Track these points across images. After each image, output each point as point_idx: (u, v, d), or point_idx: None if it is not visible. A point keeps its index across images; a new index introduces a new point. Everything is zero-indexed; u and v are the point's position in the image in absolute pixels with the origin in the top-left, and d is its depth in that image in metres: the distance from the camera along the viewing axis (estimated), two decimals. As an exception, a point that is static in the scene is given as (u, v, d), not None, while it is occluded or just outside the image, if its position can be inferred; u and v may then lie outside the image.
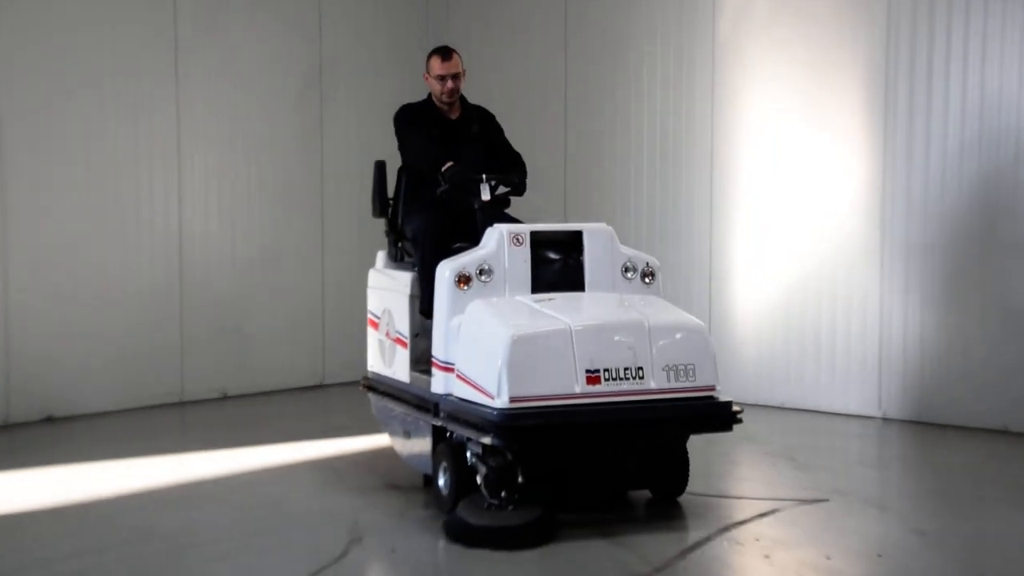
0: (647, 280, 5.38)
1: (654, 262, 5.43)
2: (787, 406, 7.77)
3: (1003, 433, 7.14)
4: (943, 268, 7.45)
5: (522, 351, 4.61)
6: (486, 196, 5.56)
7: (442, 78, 5.92)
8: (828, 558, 4.62)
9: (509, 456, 4.66)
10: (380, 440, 7.07)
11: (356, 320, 9.45)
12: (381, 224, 9.46)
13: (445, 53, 5.97)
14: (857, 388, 7.75)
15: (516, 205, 5.94)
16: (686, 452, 5.25)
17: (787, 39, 8.09)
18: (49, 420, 7.84)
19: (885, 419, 7.62)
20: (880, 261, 7.67)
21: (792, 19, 8.06)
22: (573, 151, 8.91)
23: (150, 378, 8.41)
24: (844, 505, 5.51)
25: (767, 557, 4.64)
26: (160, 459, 6.65)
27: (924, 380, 7.48)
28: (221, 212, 8.83)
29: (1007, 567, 4.61)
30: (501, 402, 4.54)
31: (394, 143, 6.10)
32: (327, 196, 9.49)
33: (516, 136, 6.31)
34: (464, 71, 6.04)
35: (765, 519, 5.18)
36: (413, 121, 6.01)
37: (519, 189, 5.81)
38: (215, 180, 8.79)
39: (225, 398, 8.78)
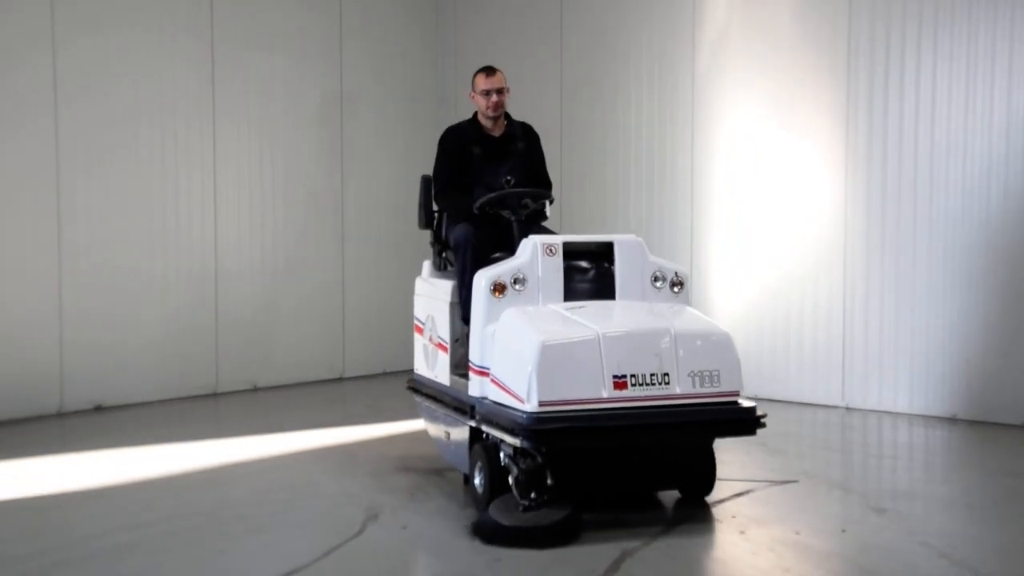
0: (676, 289, 5.08)
1: (683, 272, 5.16)
2: (760, 397, 7.79)
3: (952, 420, 7.15)
4: (899, 269, 7.46)
5: (552, 357, 4.37)
6: (548, 212, 5.51)
7: (487, 93, 5.64)
8: (797, 533, 4.64)
9: (539, 458, 4.46)
10: (392, 428, 7.15)
11: (372, 319, 9.58)
12: (396, 231, 9.65)
13: (489, 70, 5.69)
14: (824, 381, 7.76)
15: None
16: (712, 454, 4.99)
17: (757, 68, 8.12)
18: (98, 409, 7.86)
19: (848, 408, 7.63)
20: (843, 265, 7.69)
21: (761, 49, 8.08)
22: (568, 164, 8.88)
23: (188, 372, 8.42)
24: (811, 486, 5.52)
25: (742, 533, 4.66)
26: (197, 444, 6.68)
27: (883, 374, 7.50)
28: (251, 221, 8.84)
29: (951, 539, 4.62)
30: (531, 406, 4.32)
31: (410, 155, 5.99)
32: (347, 206, 9.48)
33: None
34: (508, 88, 5.73)
35: (740, 499, 5.20)
36: (449, 151, 5.75)
37: (549, 202, 5.64)
38: (246, 192, 8.78)
39: (255, 390, 8.80)
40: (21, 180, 7.48)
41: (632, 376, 4.38)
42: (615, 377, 4.37)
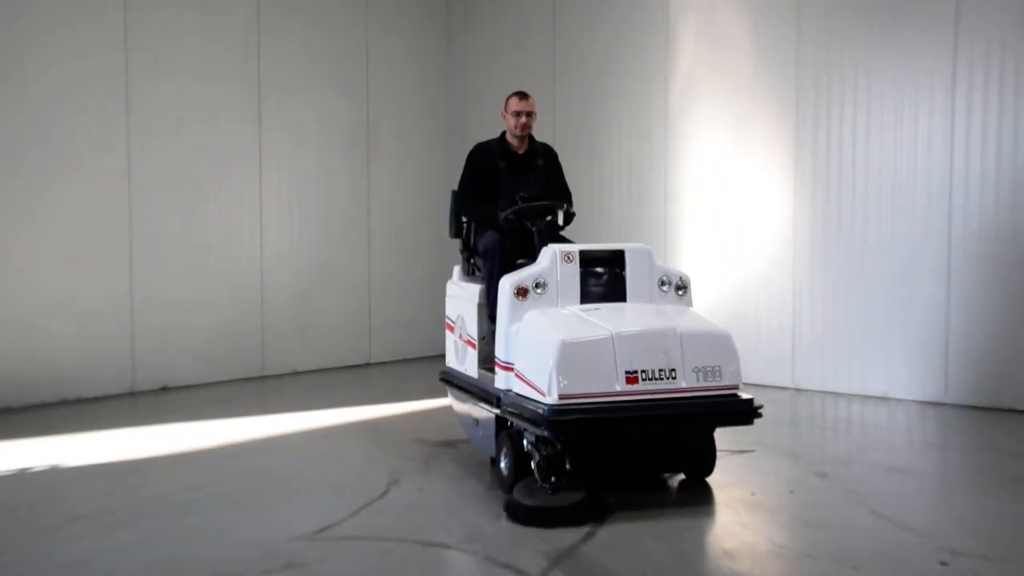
0: (680, 292, 4.85)
1: (686, 277, 4.91)
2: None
3: (884, 400, 7.20)
4: (838, 269, 7.53)
5: (570, 354, 4.16)
6: (560, 220, 5.28)
7: (518, 114, 5.40)
8: (753, 494, 4.71)
9: (558, 446, 4.24)
10: (411, 407, 7.15)
11: (394, 313, 9.60)
12: (414, 239, 9.70)
13: (523, 94, 5.44)
14: (776, 365, 7.81)
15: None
16: (713, 441, 4.80)
17: (720, 106, 8.16)
18: (164, 389, 7.91)
19: (797, 390, 7.68)
20: (792, 267, 7.75)
21: (723, 90, 8.14)
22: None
23: (239, 358, 8.46)
24: (765, 455, 5.58)
25: (706, 494, 4.74)
26: (247, 420, 6.72)
27: (826, 359, 7.57)
28: (292, 231, 8.86)
29: (881, 497, 4.67)
30: (551, 399, 4.12)
31: (425, 174, 5.74)
32: (372, 218, 9.49)
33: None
34: (536, 113, 5.49)
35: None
36: (476, 165, 5.51)
37: (567, 216, 5.39)
38: (287, 207, 8.82)
39: (295, 373, 8.81)
40: (99, 204, 7.54)
41: (642, 372, 4.21)
42: (627, 373, 4.20)
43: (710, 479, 4.89)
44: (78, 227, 7.44)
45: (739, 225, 8.07)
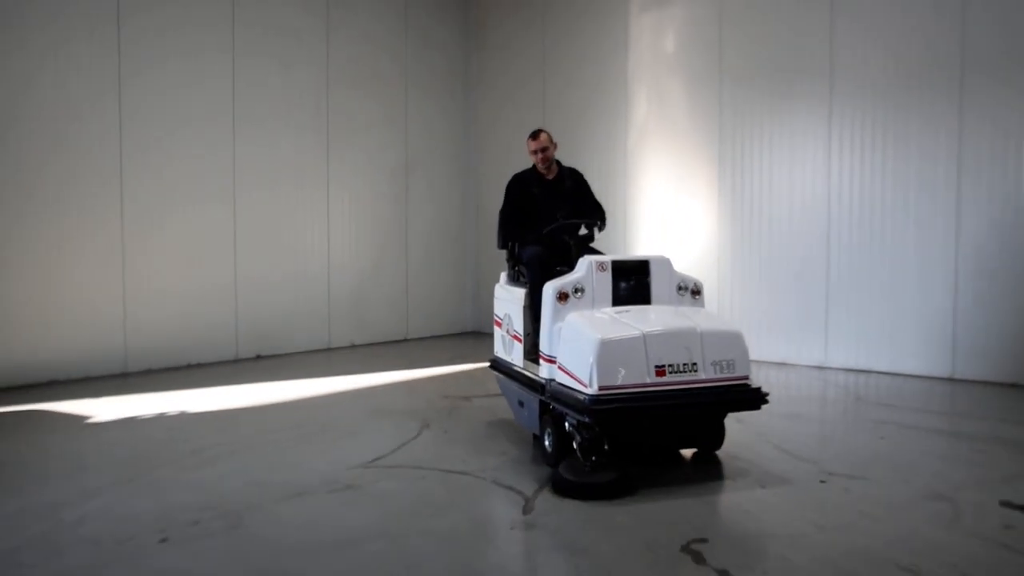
0: (695, 296, 4.34)
1: (699, 282, 4.40)
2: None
3: (783, 365, 7.19)
4: (747, 275, 7.50)
5: (608, 351, 3.71)
6: (583, 232, 4.76)
7: (534, 152, 4.86)
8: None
9: (597, 429, 3.79)
10: (438, 371, 7.10)
11: (426, 301, 9.56)
12: (440, 247, 9.71)
13: (534, 135, 4.87)
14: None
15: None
16: (723, 422, 4.28)
17: (665, 149, 8.12)
18: (258, 358, 7.89)
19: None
20: (717, 273, 7.72)
21: (666, 137, 8.08)
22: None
23: (312, 333, 8.43)
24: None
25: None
26: (316, 380, 6.70)
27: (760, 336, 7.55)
28: (351, 239, 8.81)
29: (784, 435, 4.63)
30: (592, 390, 3.67)
31: (449, 200, 5.55)
32: (409, 231, 9.43)
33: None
34: (554, 144, 4.88)
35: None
36: (513, 193, 4.93)
37: (599, 227, 4.85)
38: (347, 222, 8.77)
39: (352, 346, 8.78)
40: (209, 220, 7.49)
41: (669, 365, 3.76)
42: (656, 366, 3.74)
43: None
44: (194, 236, 7.43)
45: (678, 238, 8.04)
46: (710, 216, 7.79)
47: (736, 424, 4.98)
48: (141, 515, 3.47)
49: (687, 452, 4.36)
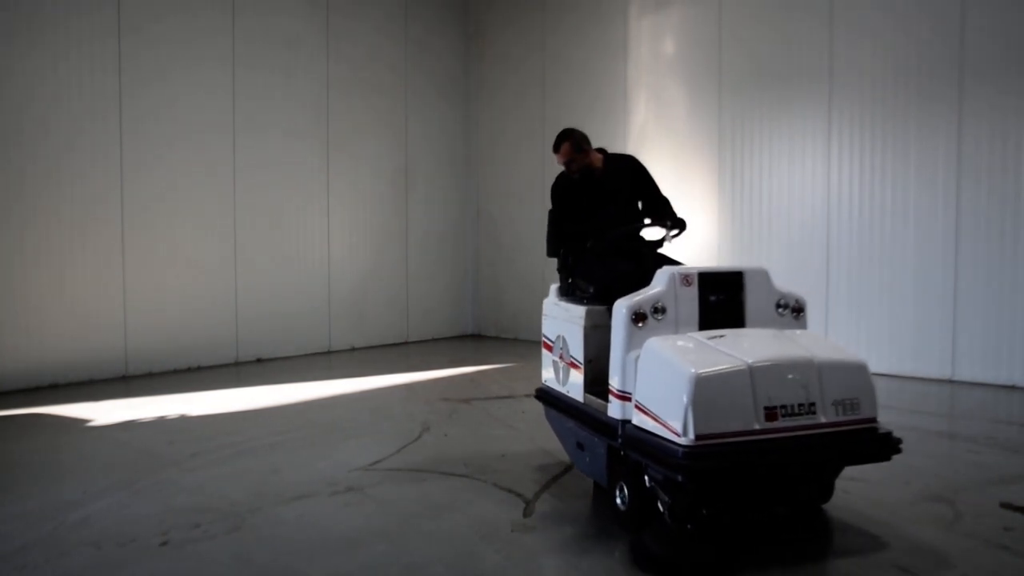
0: (797, 315, 3.43)
1: (802, 299, 3.48)
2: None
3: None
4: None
5: (706, 389, 2.83)
6: (652, 236, 4.00)
7: (561, 164, 4.13)
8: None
9: (693, 488, 2.89)
10: (438, 374, 7.06)
11: (426, 304, 9.54)
12: (438, 249, 9.71)
13: (554, 147, 4.12)
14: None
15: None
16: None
17: (665, 147, 8.12)
18: (259, 361, 7.89)
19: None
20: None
21: (665, 139, 8.09)
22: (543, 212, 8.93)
23: (312, 337, 8.42)
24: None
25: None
26: (317, 383, 6.70)
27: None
28: (351, 244, 8.81)
29: None
30: (687, 439, 2.79)
31: (447, 203, 5.41)
32: (409, 235, 9.43)
33: (519, 194, 6.16)
34: (577, 152, 4.07)
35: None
36: (556, 195, 4.19)
37: (680, 227, 4.03)
38: (347, 226, 8.77)
39: (352, 349, 8.78)
40: (211, 225, 7.51)
41: (782, 407, 2.88)
42: (767, 408, 2.87)
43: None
44: (194, 241, 7.44)
45: (677, 240, 8.00)
46: (710, 219, 7.79)
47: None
48: (142, 518, 3.47)
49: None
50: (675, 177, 8.07)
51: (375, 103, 8.98)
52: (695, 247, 7.88)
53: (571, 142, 4.08)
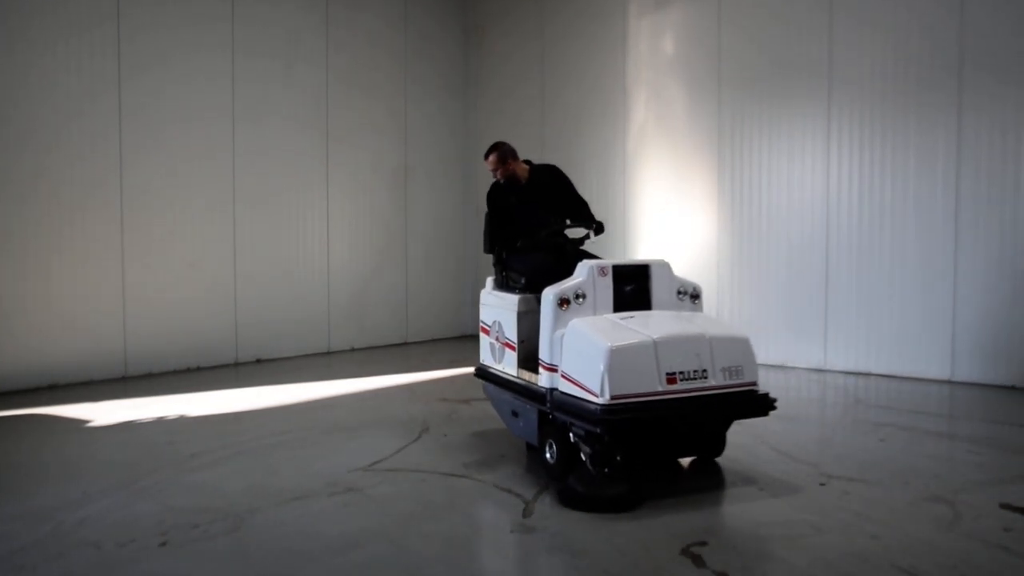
0: (694, 300, 4.18)
1: (699, 287, 4.24)
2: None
3: (781, 367, 7.16)
4: (745, 268, 7.50)
5: (619, 359, 3.48)
6: (573, 234, 4.52)
7: (489, 171, 4.78)
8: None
9: (608, 439, 3.56)
10: (437, 375, 7.07)
11: (425, 305, 9.56)
12: (439, 250, 9.70)
13: (485, 156, 4.78)
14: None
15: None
16: (726, 429, 4.16)
17: (664, 148, 8.11)
18: (259, 361, 7.88)
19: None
20: (716, 267, 7.72)
21: (664, 138, 8.08)
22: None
23: (312, 338, 8.41)
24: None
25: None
26: (317, 383, 6.70)
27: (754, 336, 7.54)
28: (350, 243, 8.80)
29: (781, 438, 4.62)
30: (604, 399, 3.44)
31: (447, 202, 5.44)
32: (408, 235, 9.42)
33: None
34: (501, 163, 4.71)
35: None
36: (492, 202, 4.76)
37: (598, 229, 4.61)
38: (347, 225, 8.76)
39: (352, 350, 8.76)
40: (210, 224, 7.50)
41: (680, 373, 3.56)
42: (667, 374, 3.54)
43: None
44: (195, 242, 7.43)
45: (677, 236, 8.03)
46: (709, 217, 7.78)
47: (735, 427, 4.95)
48: (141, 518, 3.47)
49: (685, 459, 4.27)
50: (674, 175, 8.07)
51: (375, 93, 8.96)
52: (695, 246, 7.88)
53: (497, 153, 4.72)
